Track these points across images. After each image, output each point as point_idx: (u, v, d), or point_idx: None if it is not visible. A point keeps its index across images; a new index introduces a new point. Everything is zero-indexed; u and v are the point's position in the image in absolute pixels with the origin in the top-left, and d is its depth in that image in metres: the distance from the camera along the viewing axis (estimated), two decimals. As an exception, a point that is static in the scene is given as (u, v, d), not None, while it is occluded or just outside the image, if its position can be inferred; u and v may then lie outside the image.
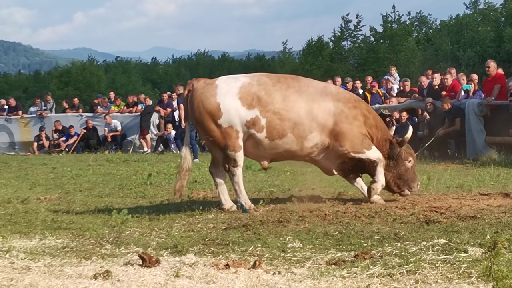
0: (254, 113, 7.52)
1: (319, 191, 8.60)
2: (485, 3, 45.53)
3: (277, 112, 7.53)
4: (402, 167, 7.92)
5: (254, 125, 7.53)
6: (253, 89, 7.57)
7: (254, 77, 7.80)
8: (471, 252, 4.95)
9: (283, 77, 7.93)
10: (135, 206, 8.47)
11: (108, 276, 4.66)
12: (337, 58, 49.16)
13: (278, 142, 7.62)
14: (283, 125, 7.55)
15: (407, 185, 7.92)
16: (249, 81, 7.66)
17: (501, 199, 7.84)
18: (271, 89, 7.59)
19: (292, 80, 7.84)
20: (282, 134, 7.58)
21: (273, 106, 7.52)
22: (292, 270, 4.76)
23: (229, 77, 7.95)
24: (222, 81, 7.78)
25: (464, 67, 35.00)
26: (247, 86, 7.59)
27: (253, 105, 7.51)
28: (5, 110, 22.78)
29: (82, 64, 59.34)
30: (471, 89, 14.82)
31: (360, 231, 6.02)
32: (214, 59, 64.95)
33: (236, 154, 7.57)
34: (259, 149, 7.76)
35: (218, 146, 7.64)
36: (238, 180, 7.65)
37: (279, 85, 7.65)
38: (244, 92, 7.55)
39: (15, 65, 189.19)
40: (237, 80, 7.72)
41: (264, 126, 7.54)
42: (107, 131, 21.01)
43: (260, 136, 7.57)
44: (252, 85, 7.61)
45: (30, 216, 7.75)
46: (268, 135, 7.58)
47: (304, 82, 7.89)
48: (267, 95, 7.55)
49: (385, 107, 16.64)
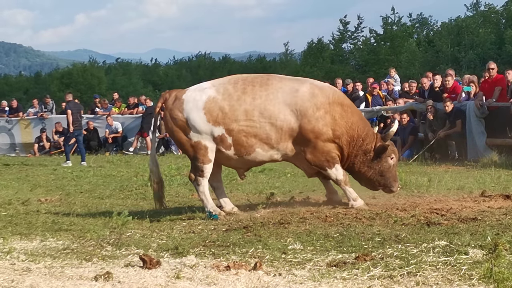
0: (220, 130, 7.49)
1: (319, 193, 8.59)
2: (486, 5, 45.58)
3: (242, 130, 7.45)
4: (385, 164, 7.67)
5: (221, 142, 7.53)
6: (218, 104, 7.48)
7: (221, 87, 7.61)
8: (472, 254, 4.94)
9: (251, 83, 7.56)
10: (136, 208, 8.47)
11: (108, 278, 4.66)
12: (338, 59, 49.20)
13: (247, 157, 7.61)
14: (250, 142, 7.49)
15: (388, 184, 7.70)
16: (214, 95, 7.53)
17: (502, 201, 7.83)
18: (235, 104, 7.45)
19: (261, 87, 7.51)
20: (249, 151, 7.54)
21: (237, 123, 7.44)
22: (293, 272, 4.75)
23: (196, 89, 7.80)
24: (188, 94, 7.71)
25: (465, 69, 35.01)
26: (212, 101, 7.51)
27: (219, 121, 7.47)
28: (6, 111, 22.79)
29: (83, 66, 59.40)
30: (472, 91, 14.82)
31: (361, 233, 6.02)
32: (215, 61, 65.00)
33: (204, 166, 7.58)
34: (230, 163, 7.85)
35: (189, 157, 7.78)
36: (203, 190, 7.62)
37: (244, 98, 7.46)
38: (209, 107, 7.49)
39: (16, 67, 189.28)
40: (202, 93, 7.62)
41: (231, 144, 7.52)
42: (108, 132, 21.00)
43: (229, 153, 7.57)
44: (217, 99, 7.51)
45: (31, 217, 7.76)
46: (237, 153, 7.57)
47: (274, 87, 7.53)
48: (231, 112, 7.44)
49: (385, 108, 16.65)
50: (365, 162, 7.66)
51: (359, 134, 7.61)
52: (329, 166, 7.56)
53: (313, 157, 7.53)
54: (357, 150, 7.63)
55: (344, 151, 7.60)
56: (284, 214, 7.13)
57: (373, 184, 7.79)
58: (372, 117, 16.78)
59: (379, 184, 7.75)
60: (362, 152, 7.64)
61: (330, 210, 7.38)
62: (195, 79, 60.90)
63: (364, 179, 7.78)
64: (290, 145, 7.53)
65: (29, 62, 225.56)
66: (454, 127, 14.54)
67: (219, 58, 66.73)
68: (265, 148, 7.53)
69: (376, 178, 7.70)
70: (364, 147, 7.63)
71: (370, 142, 7.65)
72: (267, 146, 7.52)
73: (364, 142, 7.63)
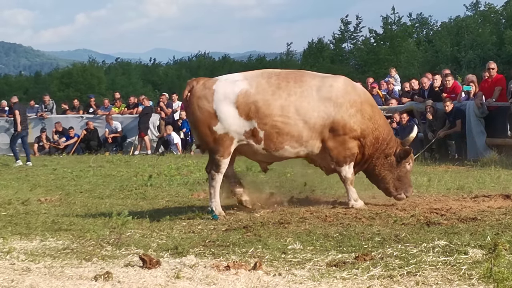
0: (252, 124, 7.37)
1: (319, 192, 8.60)
2: (486, 4, 45.59)
3: (275, 125, 7.36)
4: (403, 169, 7.79)
5: (252, 136, 7.42)
6: (251, 98, 7.34)
7: (253, 80, 7.48)
8: (472, 253, 4.95)
9: (286, 79, 7.50)
10: (136, 208, 8.47)
11: (108, 278, 4.66)
12: (338, 59, 49.22)
13: (274, 153, 7.55)
14: (280, 139, 7.42)
15: (404, 188, 7.77)
16: (247, 88, 7.39)
17: (502, 200, 7.83)
18: (269, 98, 7.35)
19: (295, 83, 7.47)
20: (279, 147, 7.48)
21: (271, 118, 7.34)
22: (292, 271, 4.76)
23: (227, 80, 7.66)
24: (220, 85, 7.54)
25: (465, 69, 35.01)
26: (244, 94, 7.36)
27: (251, 116, 7.34)
28: (6, 111, 22.76)
29: (83, 66, 59.36)
30: (472, 91, 14.82)
31: (361, 233, 6.02)
32: (215, 61, 64.96)
33: (223, 161, 7.47)
34: (256, 156, 7.74)
35: (209, 150, 7.58)
36: (215, 185, 7.53)
37: (279, 93, 7.37)
38: (242, 101, 7.35)
39: (15, 67, 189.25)
40: (234, 86, 7.46)
41: (262, 138, 7.41)
42: (107, 132, 21.00)
43: (258, 147, 7.48)
44: (250, 93, 7.36)
45: (31, 217, 7.75)
46: (265, 147, 7.48)
47: (308, 84, 7.50)
48: (265, 106, 7.33)
49: (385, 108, 16.64)
50: (386, 166, 7.75)
51: (384, 138, 7.73)
52: (346, 163, 7.62)
53: (337, 152, 7.55)
54: (379, 152, 7.72)
55: (366, 151, 7.66)
56: (284, 214, 7.14)
57: (389, 189, 7.80)
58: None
59: (395, 189, 7.77)
60: (384, 155, 7.74)
61: (330, 210, 7.40)
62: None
63: (383, 183, 7.82)
64: (318, 143, 7.54)
65: (29, 62, 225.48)
66: (453, 127, 14.54)
67: (219, 58, 66.69)
68: (294, 145, 7.49)
69: (394, 182, 7.77)
70: (387, 151, 7.73)
71: (393, 147, 7.77)
72: (297, 144, 7.48)
73: (388, 146, 7.75)
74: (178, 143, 19.91)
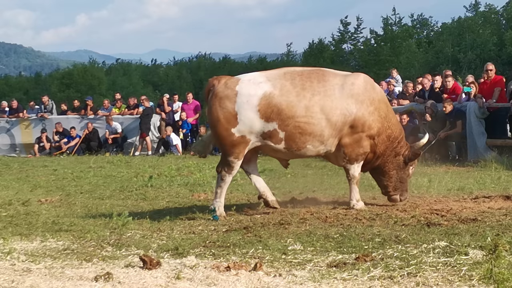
0: (272, 126, 7.27)
1: (320, 193, 8.60)
2: (486, 5, 45.58)
3: (298, 126, 7.29)
4: (407, 172, 7.90)
5: (271, 138, 7.33)
6: (274, 101, 7.24)
7: (277, 82, 7.36)
8: (472, 254, 4.95)
9: (309, 79, 7.43)
10: (136, 208, 8.47)
11: (109, 278, 4.66)
12: (338, 60, 49.22)
13: (296, 152, 7.49)
14: (303, 139, 7.36)
15: (401, 191, 7.85)
16: (271, 90, 7.27)
17: (502, 201, 7.83)
18: (293, 100, 7.26)
19: (319, 83, 7.43)
20: (301, 147, 7.42)
21: (294, 120, 7.26)
22: (293, 272, 4.76)
23: (250, 81, 7.46)
24: (243, 86, 7.38)
25: (465, 70, 35.01)
26: (268, 97, 7.24)
27: (272, 118, 7.23)
28: (6, 112, 22.79)
29: (83, 66, 59.41)
30: (472, 92, 14.82)
31: (361, 234, 6.02)
32: (215, 61, 64.99)
33: (236, 163, 7.39)
34: (276, 154, 7.67)
35: (224, 151, 7.47)
36: (223, 186, 7.47)
37: (303, 94, 7.31)
38: (265, 104, 7.23)
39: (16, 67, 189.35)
40: (258, 88, 7.32)
41: (282, 138, 7.33)
42: (108, 133, 21.01)
43: (278, 147, 7.40)
44: (274, 95, 7.25)
45: (31, 218, 7.76)
46: (287, 147, 7.41)
47: (330, 83, 7.48)
48: (288, 108, 7.24)
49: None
50: (394, 164, 7.80)
51: (395, 136, 7.78)
52: (357, 161, 7.64)
53: (351, 149, 7.55)
54: (391, 150, 7.76)
55: (377, 149, 7.69)
56: (284, 215, 7.14)
57: (389, 187, 7.85)
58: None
59: (394, 189, 7.83)
60: (394, 154, 7.78)
61: (330, 211, 7.40)
62: (195, 79, 61.05)
63: (386, 180, 7.85)
64: (336, 141, 7.53)
65: (29, 63, 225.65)
66: (454, 127, 14.54)
67: (219, 58, 66.72)
68: (316, 144, 7.45)
69: (396, 182, 7.84)
70: (398, 150, 7.78)
71: (403, 147, 7.84)
72: (318, 143, 7.45)
73: (399, 145, 7.79)
74: (178, 144, 19.93)
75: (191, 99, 21.54)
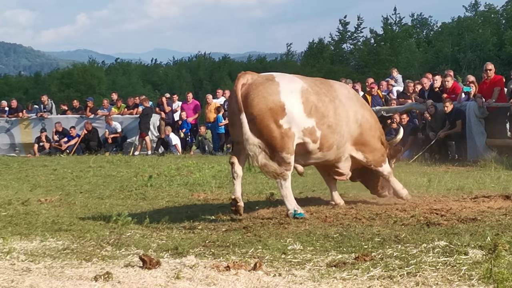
0: (311, 122, 7.11)
1: (319, 193, 8.59)
2: (486, 5, 45.62)
3: (331, 126, 7.24)
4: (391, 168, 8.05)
5: (310, 135, 7.14)
6: (311, 98, 7.14)
7: (306, 81, 7.33)
8: (472, 254, 4.95)
9: (323, 84, 7.47)
10: (136, 208, 8.47)
11: (108, 278, 4.66)
12: (338, 60, 49.26)
13: (325, 153, 7.37)
14: (333, 139, 7.30)
15: (388, 187, 7.99)
16: (307, 87, 7.19)
17: (502, 201, 7.84)
18: (325, 99, 7.23)
19: (331, 88, 7.49)
20: (330, 146, 7.34)
21: (328, 119, 7.20)
22: (292, 272, 4.76)
23: (284, 76, 7.34)
24: (281, 78, 7.17)
25: (465, 70, 35.04)
26: (306, 92, 7.14)
27: (312, 114, 7.11)
28: (6, 112, 22.78)
29: (83, 66, 59.45)
30: (472, 91, 14.83)
31: (361, 233, 6.02)
32: (215, 61, 65.04)
33: (291, 158, 7.03)
34: (304, 156, 7.38)
35: (273, 147, 6.96)
36: (289, 185, 7.09)
37: (329, 95, 7.32)
38: (305, 98, 7.10)
39: (15, 67, 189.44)
40: (295, 81, 7.22)
41: (318, 138, 7.19)
42: (107, 132, 21.01)
43: (313, 146, 7.22)
44: (310, 92, 7.17)
45: (31, 217, 7.75)
46: (320, 147, 7.26)
47: (336, 89, 7.55)
48: (324, 107, 7.18)
49: (385, 109, 16.64)
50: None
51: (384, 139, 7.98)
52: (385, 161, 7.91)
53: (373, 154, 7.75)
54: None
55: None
56: (284, 214, 7.13)
57: (378, 187, 8.01)
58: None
59: (382, 187, 8.00)
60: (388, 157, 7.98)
61: (329, 211, 7.40)
62: (195, 79, 61.12)
63: (374, 181, 7.99)
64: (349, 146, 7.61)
65: (29, 62, 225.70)
66: (454, 127, 14.55)
67: (219, 58, 66.78)
68: (339, 146, 7.41)
69: (382, 181, 7.97)
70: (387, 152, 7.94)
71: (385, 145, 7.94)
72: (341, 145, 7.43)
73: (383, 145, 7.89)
74: (177, 144, 19.93)
75: (190, 99, 21.54)
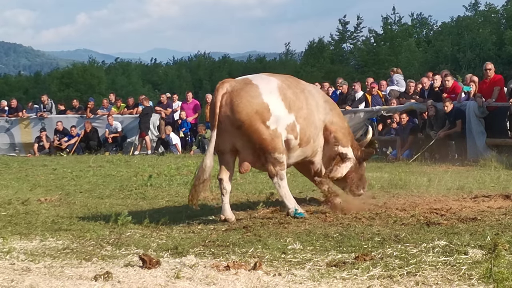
0: (291, 118, 7.10)
1: (319, 192, 8.58)
2: (486, 4, 45.62)
3: (306, 118, 7.21)
4: (363, 168, 8.07)
5: (292, 131, 7.12)
6: (288, 93, 7.14)
7: (278, 77, 7.36)
8: (472, 254, 4.94)
9: (291, 78, 7.57)
10: (136, 208, 8.47)
11: (108, 278, 4.66)
12: (338, 59, 49.28)
13: (303, 149, 7.32)
14: (309, 131, 7.27)
15: (362, 185, 7.98)
16: (281, 83, 7.20)
17: (502, 200, 7.84)
18: (297, 91, 7.24)
19: (297, 80, 7.60)
20: (308, 141, 7.29)
21: (303, 111, 7.19)
22: (292, 271, 4.75)
23: (258, 76, 7.34)
24: (258, 80, 7.21)
25: (465, 69, 35.04)
26: (281, 87, 7.15)
27: (291, 109, 7.10)
28: (6, 111, 22.78)
29: (83, 66, 59.45)
30: (472, 91, 14.83)
31: (361, 233, 6.02)
32: (215, 61, 65.06)
33: (283, 157, 7.04)
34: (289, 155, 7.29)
35: (265, 149, 6.99)
36: (285, 185, 7.10)
37: (299, 87, 7.36)
38: (283, 94, 7.11)
39: (15, 67, 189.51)
40: (269, 80, 7.23)
41: (298, 133, 7.17)
42: (108, 132, 21.01)
43: (294, 143, 7.18)
44: (285, 87, 7.18)
45: (31, 217, 7.75)
46: (300, 142, 7.22)
47: (300, 82, 7.67)
48: (298, 100, 7.18)
49: (385, 108, 16.64)
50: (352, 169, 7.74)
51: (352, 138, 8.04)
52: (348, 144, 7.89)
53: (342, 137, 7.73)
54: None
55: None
56: (284, 214, 7.13)
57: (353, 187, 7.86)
58: (371, 117, 16.79)
59: (357, 187, 7.88)
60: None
61: (329, 210, 7.39)
62: (194, 79, 61.11)
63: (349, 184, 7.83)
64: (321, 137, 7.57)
65: (29, 62, 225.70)
66: (454, 127, 14.55)
67: (219, 58, 66.80)
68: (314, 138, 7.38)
69: (357, 181, 7.89)
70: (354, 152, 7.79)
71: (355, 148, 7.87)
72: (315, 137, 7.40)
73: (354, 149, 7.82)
74: (177, 144, 19.94)
75: (190, 99, 21.55)
